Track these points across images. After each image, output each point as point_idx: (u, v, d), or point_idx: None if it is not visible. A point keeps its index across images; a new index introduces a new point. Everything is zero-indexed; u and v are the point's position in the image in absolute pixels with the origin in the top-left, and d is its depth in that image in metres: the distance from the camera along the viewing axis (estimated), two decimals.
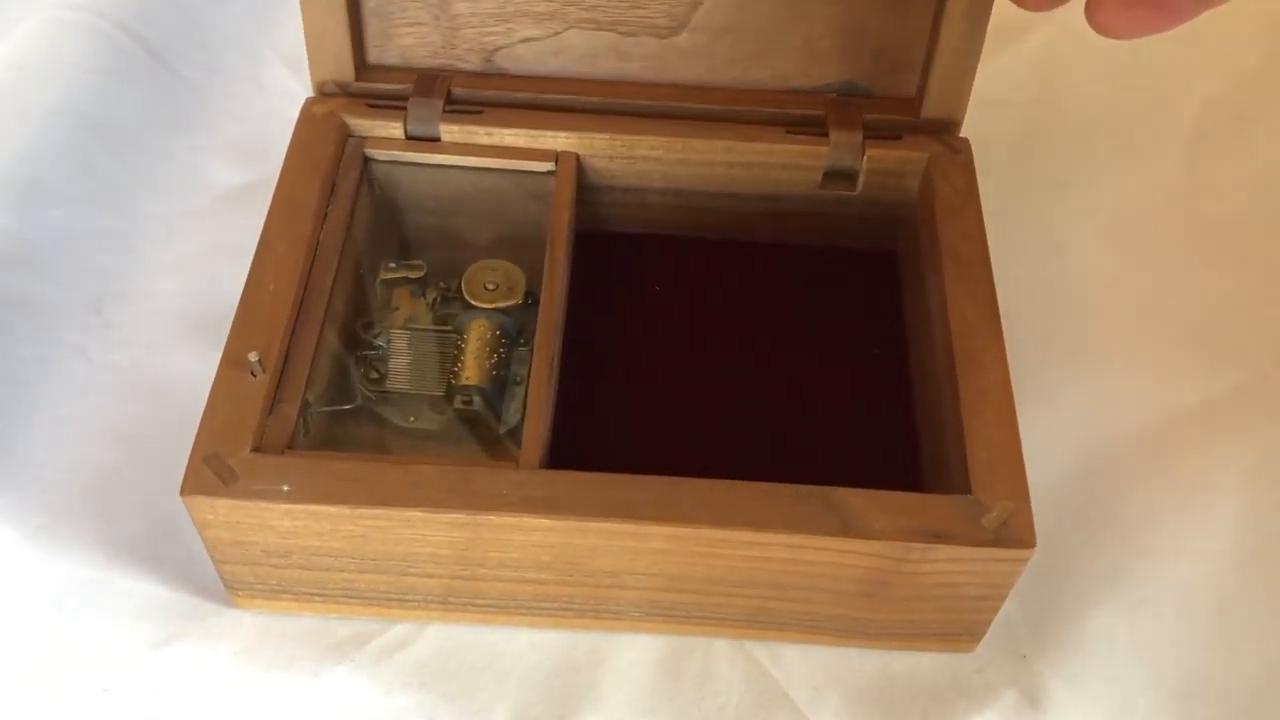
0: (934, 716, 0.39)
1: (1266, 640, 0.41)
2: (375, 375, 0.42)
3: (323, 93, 0.45)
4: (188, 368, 0.45)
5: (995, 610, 0.38)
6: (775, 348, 0.45)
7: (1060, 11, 0.59)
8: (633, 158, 0.45)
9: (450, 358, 0.42)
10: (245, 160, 0.53)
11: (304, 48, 0.54)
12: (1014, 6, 0.49)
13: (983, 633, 0.39)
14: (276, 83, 0.56)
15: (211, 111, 0.54)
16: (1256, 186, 0.54)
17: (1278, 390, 0.47)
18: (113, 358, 0.46)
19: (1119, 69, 0.58)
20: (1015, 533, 0.35)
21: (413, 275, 0.44)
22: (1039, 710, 0.39)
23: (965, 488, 0.36)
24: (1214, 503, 0.44)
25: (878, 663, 0.40)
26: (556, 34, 0.45)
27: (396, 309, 0.44)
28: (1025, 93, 0.57)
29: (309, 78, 0.49)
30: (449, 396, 0.41)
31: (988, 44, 0.46)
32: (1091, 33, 0.62)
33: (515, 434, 0.41)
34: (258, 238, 0.44)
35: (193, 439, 0.37)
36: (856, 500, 0.35)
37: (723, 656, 0.40)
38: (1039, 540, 0.35)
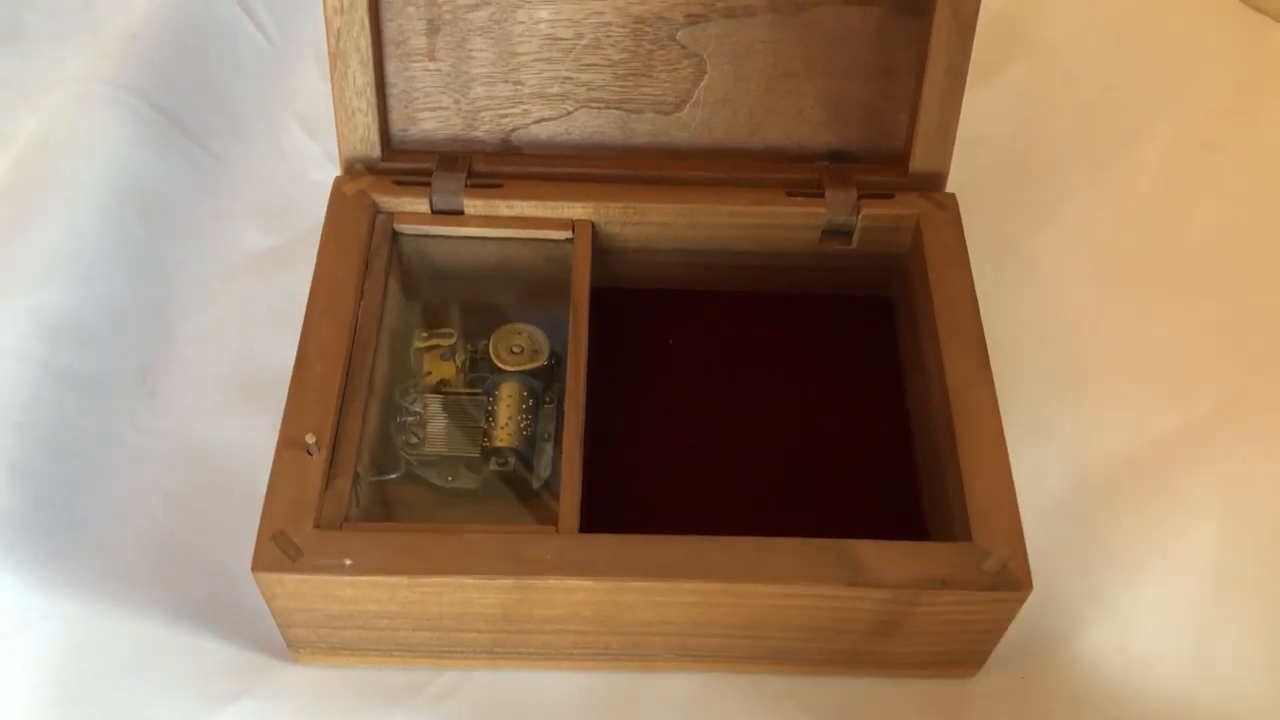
0: None
1: (1246, 654, 0.44)
2: (414, 440, 0.45)
3: (350, 171, 0.48)
4: (232, 431, 0.48)
5: (996, 641, 0.42)
6: (784, 394, 0.48)
7: (1034, 50, 0.63)
8: (644, 223, 0.48)
9: (482, 419, 0.45)
10: (271, 224, 0.55)
11: (318, 110, 0.57)
12: (989, 47, 0.52)
13: (985, 659, 0.43)
14: (295, 145, 0.58)
15: (236, 177, 0.57)
16: (1224, 214, 0.57)
17: (1250, 412, 0.51)
18: (160, 424, 0.49)
19: (1091, 103, 0.61)
20: (1013, 576, 0.38)
21: (443, 343, 0.47)
22: None
23: (966, 534, 0.39)
24: (1193, 523, 0.48)
25: (889, 689, 0.43)
26: (568, 113, 0.48)
27: (429, 374, 0.47)
28: (1004, 129, 0.60)
29: (327, 142, 0.52)
30: (484, 457, 0.45)
31: (971, 79, 0.49)
32: (1064, 67, 0.66)
33: (549, 485, 0.45)
34: (290, 301, 0.47)
35: (243, 499, 0.41)
36: (868, 551, 0.39)
37: (748, 690, 0.43)
38: (1034, 564, 0.39)
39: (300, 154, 0.58)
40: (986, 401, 0.42)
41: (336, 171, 0.50)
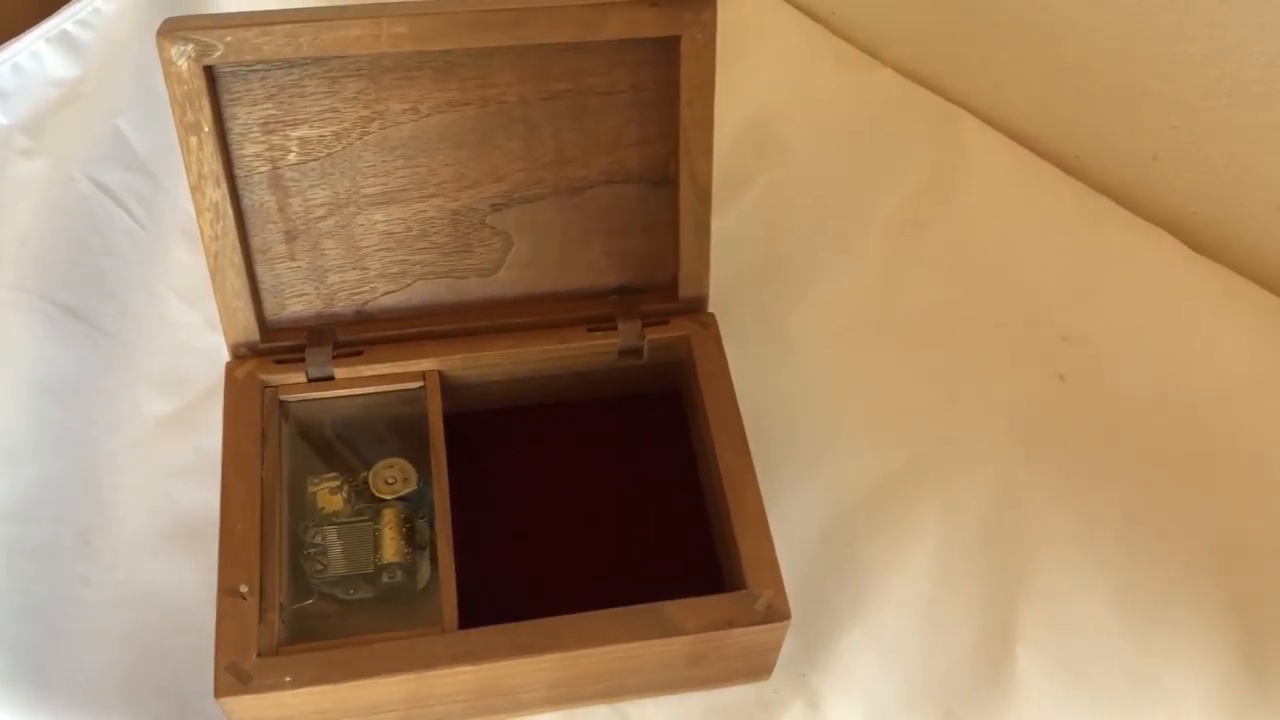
0: None
1: (964, 632, 0.60)
2: (320, 567, 0.57)
3: (237, 355, 0.59)
4: (169, 575, 0.60)
5: (777, 653, 0.56)
6: (606, 484, 0.62)
7: (775, 159, 0.78)
8: (481, 366, 0.61)
9: (371, 541, 0.58)
10: (168, 389, 0.66)
11: (193, 283, 0.69)
12: (739, 162, 0.65)
13: (773, 666, 0.58)
14: (177, 316, 0.69)
15: (132, 353, 0.67)
16: (932, 279, 0.73)
17: (958, 446, 0.66)
18: (107, 578, 0.60)
19: (824, 198, 0.76)
20: (777, 611, 0.53)
21: (331, 483, 0.59)
22: (817, 712, 0.58)
23: (743, 584, 0.54)
24: (920, 538, 0.63)
25: (707, 699, 0.58)
26: (408, 285, 0.60)
27: (323, 508, 0.59)
28: (757, 230, 0.74)
29: (204, 310, 0.64)
30: (377, 573, 0.57)
31: (724, 193, 0.61)
32: (800, 171, 0.81)
33: (429, 586, 0.58)
34: (197, 456, 0.60)
35: (187, 631, 0.53)
36: (675, 609, 0.53)
37: (602, 719, 0.57)
38: (804, 587, 0.55)
39: (182, 323, 0.69)
40: (749, 481, 0.56)
41: (217, 337, 0.61)
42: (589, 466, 0.63)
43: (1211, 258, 0.73)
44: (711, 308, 0.63)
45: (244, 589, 0.52)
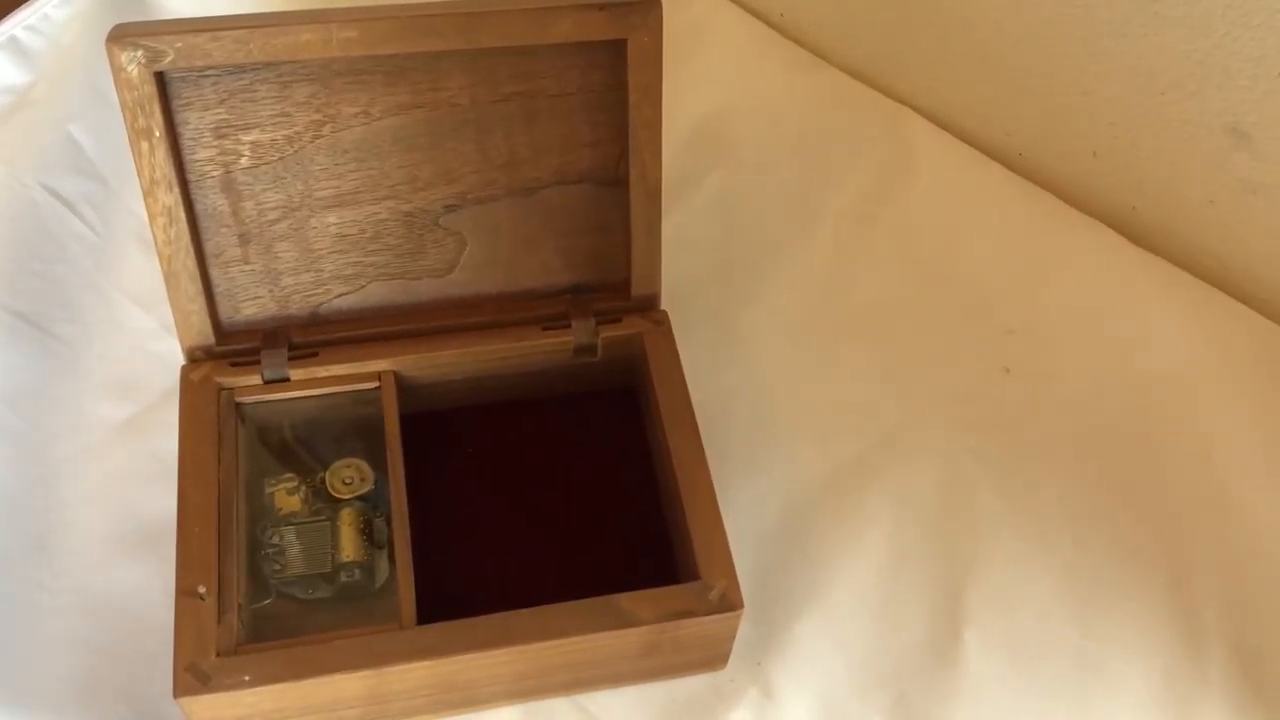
0: (707, 718, 0.58)
1: (914, 618, 0.61)
2: (278, 567, 0.58)
3: (193, 358, 0.60)
4: (125, 578, 0.60)
5: (731, 643, 0.58)
6: (564, 479, 0.63)
7: (727, 160, 0.79)
8: (436, 366, 0.61)
9: (329, 541, 0.58)
10: (123, 394, 0.66)
11: (147, 287, 0.69)
12: (692, 162, 0.66)
13: (728, 655, 0.59)
14: (131, 320, 0.69)
15: (86, 358, 0.67)
16: (880, 275, 0.74)
17: (906, 438, 0.68)
18: (64, 583, 0.60)
19: (775, 197, 0.77)
20: (729, 601, 0.54)
21: (289, 484, 0.60)
22: (772, 699, 0.59)
23: (696, 575, 0.55)
24: (870, 528, 0.64)
25: (665, 690, 0.59)
26: (362, 287, 0.61)
27: (280, 509, 0.59)
28: (710, 230, 0.75)
29: (159, 314, 0.64)
30: (335, 572, 0.58)
31: (676, 193, 0.61)
32: (751, 171, 0.82)
33: (387, 584, 0.58)
34: (153, 461, 0.60)
35: (146, 634, 0.53)
36: (630, 601, 0.54)
37: (561, 711, 0.58)
38: (757, 577, 0.56)
39: (136, 328, 0.69)
40: (702, 475, 0.57)
41: (172, 341, 0.62)
42: (545, 463, 0.64)
43: (1151, 251, 0.75)
44: (664, 305, 0.64)
45: (202, 590, 0.52)
